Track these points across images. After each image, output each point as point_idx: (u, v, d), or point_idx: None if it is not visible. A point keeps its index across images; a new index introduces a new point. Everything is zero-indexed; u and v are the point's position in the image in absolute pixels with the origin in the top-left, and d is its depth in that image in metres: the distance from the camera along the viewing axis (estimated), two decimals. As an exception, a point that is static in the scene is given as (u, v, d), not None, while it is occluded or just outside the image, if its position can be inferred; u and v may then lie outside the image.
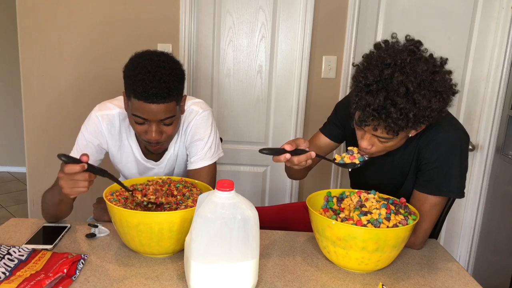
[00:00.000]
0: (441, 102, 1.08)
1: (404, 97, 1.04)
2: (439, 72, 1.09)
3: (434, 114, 1.08)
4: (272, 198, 2.40)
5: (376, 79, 1.07)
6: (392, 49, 1.11)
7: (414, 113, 1.05)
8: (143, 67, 1.19)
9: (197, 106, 1.42)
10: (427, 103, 1.05)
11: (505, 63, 2.17)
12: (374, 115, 1.07)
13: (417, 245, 1.27)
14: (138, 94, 1.18)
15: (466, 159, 1.24)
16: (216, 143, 1.45)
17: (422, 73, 1.06)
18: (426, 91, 1.05)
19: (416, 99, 1.04)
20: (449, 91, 1.10)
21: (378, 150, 1.19)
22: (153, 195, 1.18)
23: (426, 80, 1.06)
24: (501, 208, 2.24)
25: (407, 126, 1.08)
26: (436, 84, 1.06)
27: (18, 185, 4.05)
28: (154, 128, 1.23)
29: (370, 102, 1.07)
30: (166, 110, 1.21)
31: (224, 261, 0.94)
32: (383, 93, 1.06)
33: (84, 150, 1.35)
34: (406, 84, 1.04)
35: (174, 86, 1.20)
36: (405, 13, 2.18)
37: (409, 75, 1.05)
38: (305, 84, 2.22)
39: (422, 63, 1.07)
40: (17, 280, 0.96)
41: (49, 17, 2.15)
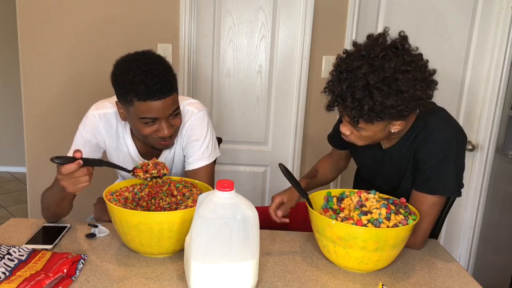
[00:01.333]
0: (399, 101, 1.07)
1: (363, 89, 1.07)
2: (407, 72, 1.08)
3: (391, 111, 1.08)
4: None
5: (347, 68, 1.11)
6: (373, 42, 1.13)
7: (369, 106, 1.08)
8: (136, 68, 1.18)
9: (192, 107, 1.41)
10: (382, 99, 1.06)
11: (505, 63, 2.17)
12: (338, 101, 1.14)
13: (417, 245, 1.27)
14: (142, 95, 1.17)
15: (462, 158, 1.24)
16: (213, 143, 1.44)
17: (388, 69, 1.07)
18: (386, 88, 1.06)
19: (373, 93, 1.07)
20: (413, 93, 1.08)
21: (356, 138, 1.22)
22: (154, 169, 1.18)
23: (389, 77, 1.07)
24: (501, 208, 2.24)
25: (362, 117, 1.11)
26: (399, 82, 1.07)
27: (18, 185, 4.05)
28: (165, 124, 1.24)
29: (335, 88, 1.13)
30: (172, 102, 1.23)
31: (224, 261, 0.94)
32: (347, 82, 1.10)
33: (82, 149, 1.35)
34: (367, 77, 1.07)
35: (171, 77, 1.23)
36: (405, 13, 2.18)
37: (374, 70, 1.07)
38: (305, 84, 2.22)
39: (393, 60, 1.08)
40: (17, 280, 0.96)
41: (49, 17, 2.15)
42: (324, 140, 2.31)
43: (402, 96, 1.07)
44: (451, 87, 2.27)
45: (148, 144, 1.33)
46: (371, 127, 1.16)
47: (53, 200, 1.25)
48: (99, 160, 1.12)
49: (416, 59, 1.12)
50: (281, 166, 1.22)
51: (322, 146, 2.32)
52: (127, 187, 1.25)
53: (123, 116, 1.29)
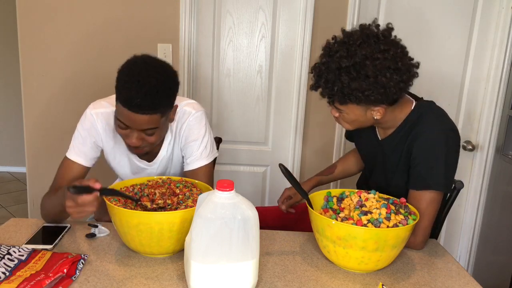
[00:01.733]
0: (363, 85, 1.15)
1: (335, 71, 1.18)
2: (377, 59, 1.15)
3: (358, 94, 1.17)
4: (272, 198, 2.40)
5: (329, 52, 1.22)
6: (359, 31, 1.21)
7: (338, 88, 1.18)
8: (134, 74, 1.17)
9: (189, 107, 1.41)
10: (348, 82, 1.16)
11: (505, 63, 2.17)
12: (317, 81, 1.24)
13: (418, 245, 1.27)
14: (122, 101, 1.17)
15: (452, 156, 1.27)
16: (211, 143, 1.45)
17: (360, 55, 1.15)
18: (354, 72, 1.15)
19: (342, 76, 1.16)
20: (381, 78, 1.15)
21: (343, 121, 1.30)
22: (161, 200, 1.18)
23: (359, 62, 1.15)
24: (501, 208, 2.24)
25: (332, 97, 1.23)
26: (367, 68, 1.14)
27: (18, 185, 4.05)
28: (135, 135, 1.23)
29: (316, 69, 1.24)
30: (149, 121, 1.20)
31: (224, 261, 0.94)
32: (325, 64, 1.21)
33: (81, 147, 1.36)
34: (340, 61, 1.16)
35: (160, 100, 1.18)
36: (405, 13, 2.18)
37: (348, 55, 1.16)
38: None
39: (367, 48, 1.16)
40: (17, 280, 0.96)
41: (49, 17, 2.15)
42: (324, 140, 2.32)
43: (368, 81, 1.15)
44: (451, 87, 2.27)
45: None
46: (351, 110, 1.24)
47: (53, 210, 1.26)
48: (112, 190, 1.11)
49: (392, 48, 1.17)
50: (281, 166, 1.23)
51: (322, 146, 2.33)
52: (127, 187, 1.25)
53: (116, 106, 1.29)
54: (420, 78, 2.35)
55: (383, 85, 1.15)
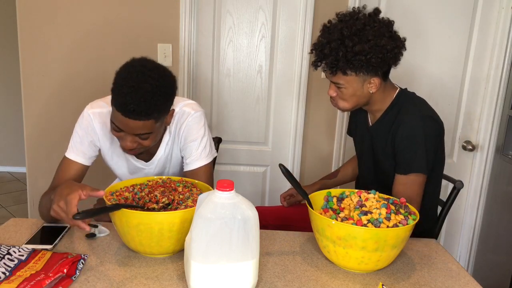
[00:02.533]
0: (366, 48, 1.28)
1: (337, 40, 1.30)
2: (374, 26, 1.30)
3: (361, 57, 1.28)
4: (272, 198, 2.40)
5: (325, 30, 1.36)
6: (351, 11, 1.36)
7: (342, 53, 1.29)
8: (130, 79, 1.16)
9: (189, 108, 1.41)
10: (352, 46, 1.28)
11: (505, 63, 2.17)
12: (320, 55, 1.35)
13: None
14: (117, 106, 1.17)
15: (431, 141, 1.35)
16: (210, 143, 1.45)
17: (358, 24, 1.30)
18: (356, 37, 1.28)
19: (345, 42, 1.29)
20: (379, 41, 1.29)
21: (341, 98, 1.40)
22: (164, 197, 1.18)
23: (359, 29, 1.29)
24: (501, 208, 2.24)
25: (337, 65, 1.31)
26: (368, 33, 1.29)
27: (18, 185, 4.05)
28: (129, 139, 1.23)
29: (317, 45, 1.37)
30: (143, 127, 1.20)
31: (224, 261, 0.94)
32: (326, 38, 1.34)
33: (79, 147, 1.36)
34: (342, 31, 1.30)
35: (155, 106, 1.17)
36: (405, 13, 2.18)
37: (347, 26, 1.30)
38: (305, 84, 2.22)
39: (363, 19, 1.31)
40: (17, 280, 0.96)
41: (49, 17, 2.15)
42: (324, 140, 2.32)
43: (369, 44, 1.28)
44: (451, 87, 2.27)
45: None
46: (350, 83, 1.35)
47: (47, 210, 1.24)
48: (116, 205, 1.11)
49: (383, 21, 1.33)
50: (281, 167, 1.24)
51: (322, 146, 2.33)
52: (127, 187, 1.25)
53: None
54: (420, 78, 2.36)
55: (382, 48, 1.29)
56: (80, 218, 1.02)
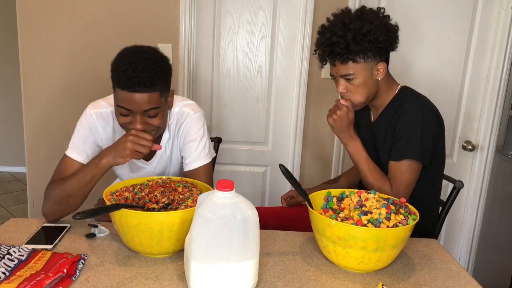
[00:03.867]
0: (372, 27, 1.33)
1: (342, 28, 1.35)
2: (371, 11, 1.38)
3: (370, 37, 1.33)
4: (272, 198, 2.40)
5: (326, 25, 1.41)
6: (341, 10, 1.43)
7: (351, 36, 1.33)
8: (128, 58, 1.21)
9: (188, 108, 1.43)
10: (359, 27, 1.33)
11: (505, 63, 2.17)
12: (327, 50, 1.38)
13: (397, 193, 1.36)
14: (121, 84, 1.20)
15: (428, 129, 1.37)
16: (209, 144, 1.46)
17: (355, 12, 1.37)
18: (359, 21, 1.34)
19: (351, 26, 1.34)
20: (381, 22, 1.35)
21: (353, 92, 1.41)
22: (164, 197, 1.18)
23: (359, 16, 1.35)
24: (501, 208, 2.24)
25: (349, 49, 1.34)
26: (367, 16, 1.35)
27: (18, 185, 4.05)
28: (138, 119, 1.23)
29: (322, 41, 1.39)
30: (149, 100, 1.21)
31: (224, 261, 0.94)
32: (329, 32, 1.37)
33: (81, 146, 1.36)
34: (343, 20, 1.36)
35: (157, 76, 1.21)
36: (405, 13, 2.18)
37: (346, 15, 1.37)
38: (305, 84, 2.22)
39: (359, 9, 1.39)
40: (17, 280, 0.96)
41: (49, 17, 2.15)
42: (323, 140, 2.32)
43: (374, 24, 1.33)
44: (451, 87, 2.27)
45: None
46: (359, 70, 1.37)
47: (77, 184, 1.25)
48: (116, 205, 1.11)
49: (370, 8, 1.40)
50: (281, 167, 1.24)
51: (322, 146, 2.33)
52: (127, 187, 1.25)
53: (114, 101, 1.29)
54: (420, 78, 2.36)
55: (385, 27, 1.35)
56: (80, 218, 1.02)
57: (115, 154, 1.22)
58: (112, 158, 1.23)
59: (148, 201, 1.18)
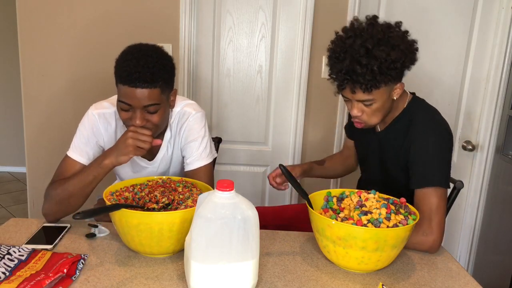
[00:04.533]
0: (399, 53, 1.21)
1: (366, 55, 1.20)
2: (393, 31, 1.25)
3: (396, 65, 1.22)
4: (272, 198, 2.40)
5: (342, 49, 1.25)
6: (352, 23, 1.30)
7: (377, 65, 1.20)
8: (131, 54, 1.23)
9: (190, 108, 1.43)
10: (386, 55, 1.20)
11: (505, 63, 2.17)
12: (347, 78, 1.23)
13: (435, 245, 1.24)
14: (123, 79, 1.21)
15: (449, 154, 1.32)
16: (210, 144, 1.46)
17: (378, 33, 1.22)
18: (384, 47, 1.20)
19: (376, 54, 1.20)
20: (406, 44, 1.24)
21: (369, 115, 1.31)
22: (164, 197, 1.18)
23: (382, 38, 1.21)
24: (501, 208, 2.24)
25: (375, 80, 1.21)
26: (392, 40, 1.22)
27: (18, 185, 4.05)
28: (138, 114, 1.24)
29: (340, 67, 1.24)
30: (150, 96, 1.22)
31: (224, 261, 0.94)
32: (348, 57, 1.22)
33: (83, 147, 1.36)
34: (365, 45, 1.20)
35: (158, 73, 1.22)
36: (405, 13, 2.18)
37: (367, 38, 1.21)
38: (305, 84, 2.22)
39: (378, 27, 1.24)
40: (17, 280, 0.96)
41: (49, 17, 2.15)
42: (324, 140, 2.32)
43: (399, 48, 1.22)
44: (451, 87, 2.27)
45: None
46: (379, 95, 1.26)
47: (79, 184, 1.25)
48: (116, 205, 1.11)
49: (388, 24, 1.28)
50: (281, 167, 1.23)
51: (322, 146, 2.33)
52: (127, 187, 1.25)
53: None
54: (420, 78, 2.36)
55: (411, 46, 1.25)
56: (80, 218, 1.03)
57: (118, 153, 1.23)
58: (115, 157, 1.23)
59: (148, 201, 1.18)
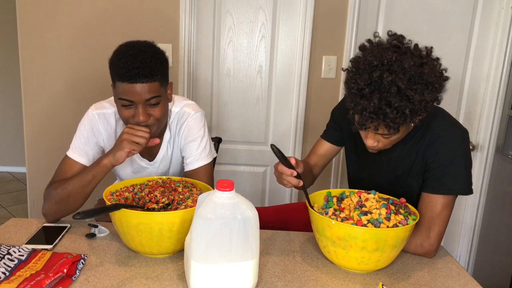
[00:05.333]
0: (434, 92, 1.09)
1: (397, 95, 1.05)
2: (426, 64, 1.10)
3: (429, 105, 1.10)
4: (272, 198, 2.40)
5: (367, 82, 1.08)
6: (377, 49, 1.12)
7: (410, 108, 1.06)
8: (126, 52, 1.24)
9: (189, 108, 1.43)
10: (420, 96, 1.06)
11: (505, 63, 2.17)
12: (372, 117, 1.08)
13: (433, 252, 1.22)
14: (122, 76, 1.21)
15: (469, 155, 1.24)
16: (209, 144, 1.47)
17: (410, 68, 1.06)
18: (418, 85, 1.06)
19: (409, 95, 1.05)
20: (440, 79, 1.12)
21: (385, 144, 1.21)
22: (164, 197, 1.18)
23: (415, 74, 1.06)
24: (501, 208, 2.24)
25: (405, 122, 1.09)
26: (426, 76, 1.08)
27: (18, 185, 4.05)
28: (140, 110, 1.25)
29: (365, 106, 1.08)
30: (150, 89, 1.23)
31: (224, 261, 0.94)
32: (376, 95, 1.07)
33: (83, 147, 1.37)
34: (396, 82, 1.05)
35: (156, 67, 1.24)
36: (405, 13, 2.18)
37: (397, 73, 1.06)
38: (305, 84, 2.22)
39: (408, 58, 1.08)
40: (17, 280, 0.96)
41: (49, 17, 2.15)
42: (324, 140, 2.31)
43: (433, 86, 1.09)
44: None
45: None
46: (401, 129, 1.14)
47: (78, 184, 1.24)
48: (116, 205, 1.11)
49: (418, 50, 1.13)
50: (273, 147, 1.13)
51: (322, 146, 2.32)
52: (127, 187, 1.25)
53: (114, 98, 1.31)
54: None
55: (441, 79, 1.13)
56: (80, 218, 1.03)
57: (114, 151, 1.23)
58: (112, 155, 1.23)
59: (148, 201, 1.18)
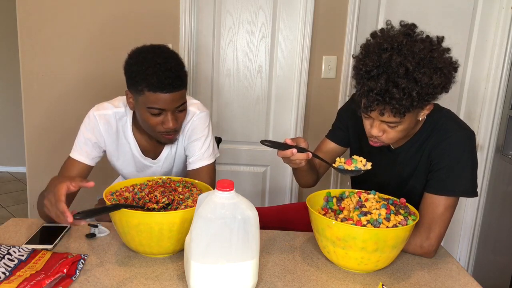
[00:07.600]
0: (442, 78, 1.08)
1: (405, 77, 1.05)
2: (436, 50, 1.10)
3: (437, 90, 1.08)
4: (272, 198, 2.40)
5: (375, 64, 1.08)
6: (388, 35, 1.13)
7: (417, 91, 1.05)
8: (151, 60, 1.23)
9: (194, 107, 1.44)
10: (428, 80, 1.05)
11: (505, 63, 2.17)
12: (378, 99, 1.07)
13: (432, 253, 1.21)
14: (153, 87, 1.22)
15: (475, 157, 1.23)
16: (213, 144, 1.47)
17: (420, 51, 1.06)
18: (426, 69, 1.06)
19: (417, 77, 1.05)
20: (450, 67, 1.11)
21: (390, 136, 1.17)
22: (164, 197, 1.18)
23: (424, 58, 1.06)
24: (501, 208, 2.24)
25: (412, 106, 1.07)
26: (435, 61, 1.07)
27: (18, 185, 4.04)
28: (170, 116, 1.28)
29: (372, 87, 1.07)
30: (180, 97, 1.27)
31: (224, 261, 0.94)
32: (384, 76, 1.06)
33: (84, 148, 1.38)
34: (405, 64, 1.05)
35: (183, 73, 1.27)
36: (405, 13, 2.18)
37: (407, 56, 1.06)
38: (305, 84, 2.22)
39: (419, 43, 1.08)
40: (17, 280, 0.96)
41: (49, 17, 2.15)
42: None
43: (442, 72, 1.08)
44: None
45: (154, 136, 1.36)
46: (408, 118, 1.12)
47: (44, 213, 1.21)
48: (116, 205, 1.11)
49: (429, 38, 1.14)
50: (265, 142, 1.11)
51: (322, 146, 2.32)
52: (127, 187, 1.25)
53: (131, 105, 1.32)
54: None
55: (451, 66, 1.12)
56: (80, 218, 1.02)
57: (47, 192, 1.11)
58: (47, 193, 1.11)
59: (148, 201, 1.18)
